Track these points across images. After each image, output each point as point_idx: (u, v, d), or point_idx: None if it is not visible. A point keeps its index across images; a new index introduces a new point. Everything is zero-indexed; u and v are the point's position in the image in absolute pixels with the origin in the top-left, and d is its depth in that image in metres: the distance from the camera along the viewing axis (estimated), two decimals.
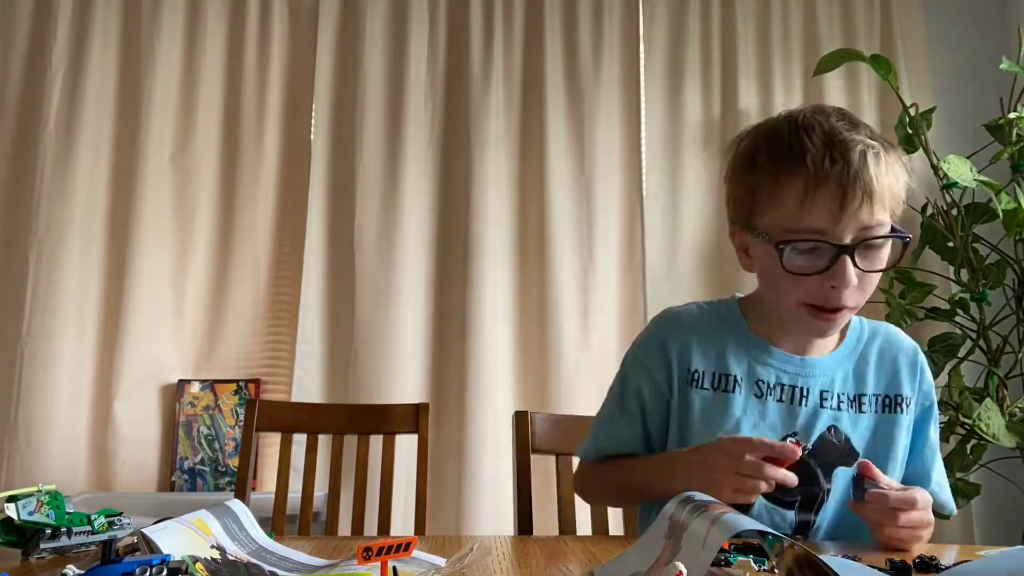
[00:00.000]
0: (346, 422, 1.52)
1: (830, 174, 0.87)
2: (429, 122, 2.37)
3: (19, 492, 0.79)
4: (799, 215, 0.89)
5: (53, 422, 2.14)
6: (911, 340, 1.09)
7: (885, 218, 0.91)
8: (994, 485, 2.15)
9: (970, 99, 2.39)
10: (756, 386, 1.01)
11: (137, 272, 2.22)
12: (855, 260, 0.89)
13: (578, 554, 0.87)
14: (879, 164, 0.89)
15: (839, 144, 0.88)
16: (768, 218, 0.93)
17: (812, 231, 0.89)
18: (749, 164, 0.96)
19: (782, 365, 1.02)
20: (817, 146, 0.88)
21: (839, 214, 0.87)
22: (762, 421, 1.00)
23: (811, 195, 0.88)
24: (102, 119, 2.30)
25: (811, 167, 0.88)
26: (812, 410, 1.00)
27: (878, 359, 1.04)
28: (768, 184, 0.92)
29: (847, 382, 1.03)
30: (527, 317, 2.30)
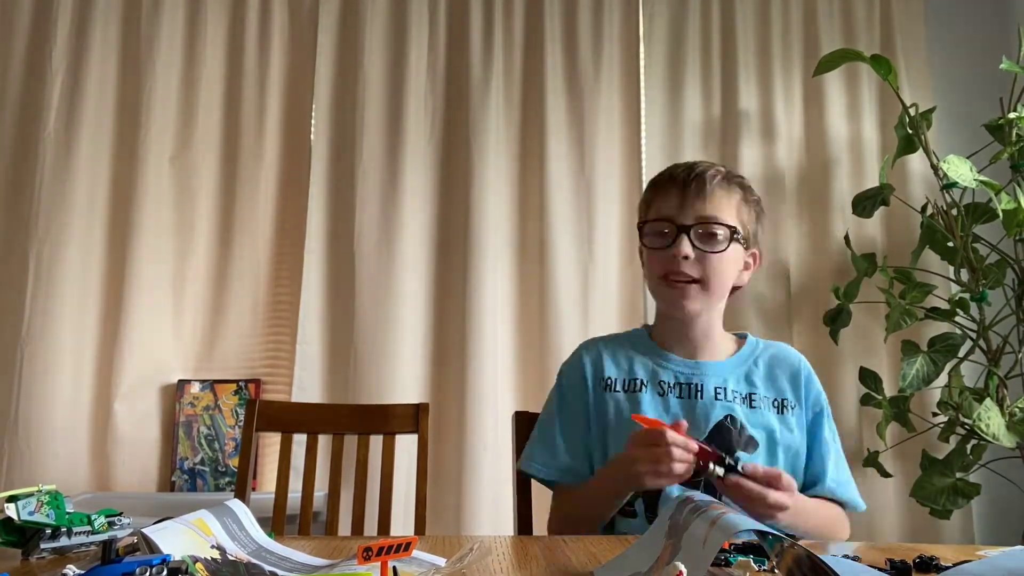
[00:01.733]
0: (346, 422, 1.52)
1: (678, 177, 1.21)
2: (429, 122, 2.37)
3: (19, 492, 0.79)
4: (657, 207, 1.22)
5: (53, 422, 2.14)
6: (798, 354, 1.29)
7: (723, 218, 1.18)
8: (994, 485, 2.15)
9: (970, 99, 2.40)
10: (659, 386, 1.22)
11: (137, 272, 2.22)
12: (692, 239, 1.16)
13: (578, 554, 0.87)
14: (716, 178, 1.20)
15: (693, 164, 1.23)
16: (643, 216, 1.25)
17: (663, 217, 1.20)
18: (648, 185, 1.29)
19: (678, 367, 1.23)
20: (683, 166, 1.24)
21: (680, 203, 1.18)
22: (666, 414, 1.19)
23: (665, 192, 1.21)
24: (102, 120, 2.30)
25: (669, 175, 1.23)
26: (708, 402, 1.19)
27: (766, 368, 1.25)
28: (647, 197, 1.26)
29: (739, 383, 1.22)
30: (527, 317, 2.30)
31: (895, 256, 2.30)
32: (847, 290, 2.20)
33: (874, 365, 2.22)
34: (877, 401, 2.14)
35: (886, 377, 2.22)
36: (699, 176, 1.19)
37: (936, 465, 2.02)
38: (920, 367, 2.05)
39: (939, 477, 2.00)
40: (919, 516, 2.15)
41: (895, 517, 2.22)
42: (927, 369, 2.05)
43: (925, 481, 2.01)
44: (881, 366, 2.26)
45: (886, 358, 2.29)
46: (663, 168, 1.31)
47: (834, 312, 2.24)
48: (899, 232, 2.36)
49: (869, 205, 2.23)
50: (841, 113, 2.43)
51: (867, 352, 2.28)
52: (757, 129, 2.41)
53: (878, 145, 2.41)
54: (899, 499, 2.22)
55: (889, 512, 2.21)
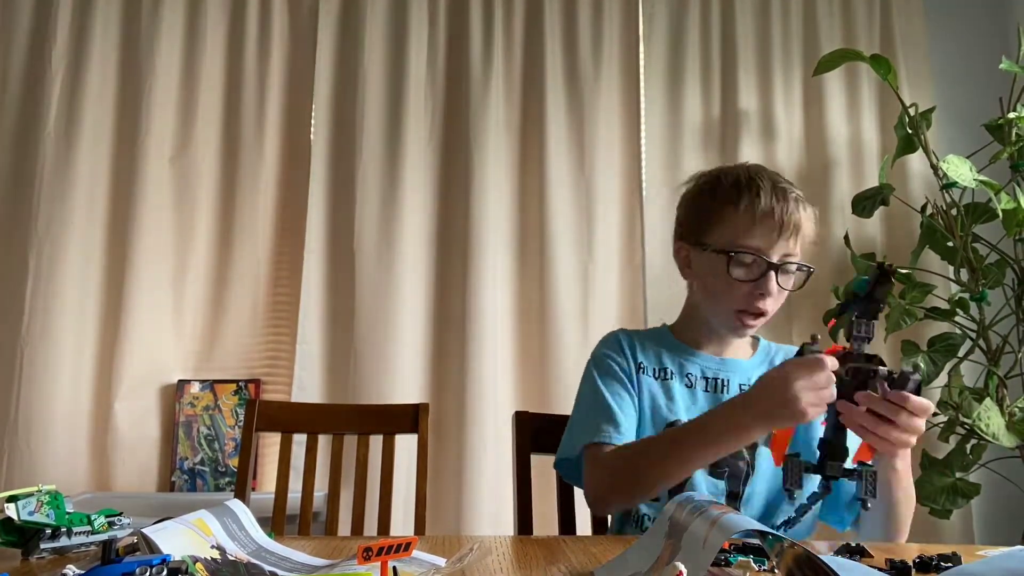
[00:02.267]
0: (346, 422, 1.52)
1: (775, 208, 1.15)
2: (429, 122, 2.37)
3: (19, 492, 0.79)
4: (748, 234, 1.15)
5: (53, 422, 2.14)
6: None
7: (799, 252, 1.19)
8: (994, 485, 2.15)
9: (970, 99, 2.39)
10: (686, 378, 1.23)
11: (137, 272, 2.22)
12: (777, 277, 1.16)
13: (578, 554, 0.87)
14: (805, 211, 1.19)
15: (781, 190, 1.17)
16: (720, 235, 1.18)
17: (753, 249, 1.15)
18: (710, 193, 1.21)
19: (705, 363, 1.25)
20: (767, 187, 1.17)
21: (775, 239, 1.15)
22: (694, 406, 1.20)
23: (760, 221, 1.15)
24: (102, 120, 2.30)
25: (763, 201, 1.15)
26: (733, 397, 1.17)
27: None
28: (725, 208, 1.17)
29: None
30: (527, 317, 2.30)
31: (895, 256, 2.30)
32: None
33: None
34: None
35: None
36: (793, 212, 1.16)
37: (936, 465, 2.02)
38: (920, 367, 2.05)
39: (939, 477, 2.00)
40: (919, 516, 2.12)
41: None
42: (927, 369, 2.05)
43: (925, 481, 2.01)
44: None
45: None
46: (661, 168, 1.28)
47: (834, 312, 2.24)
48: (899, 232, 2.36)
49: (869, 205, 2.23)
50: (841, 113, 2.43)
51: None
52: (757, 129, 2.41)
53: (878, 145, 2.41)
54: None
55: None
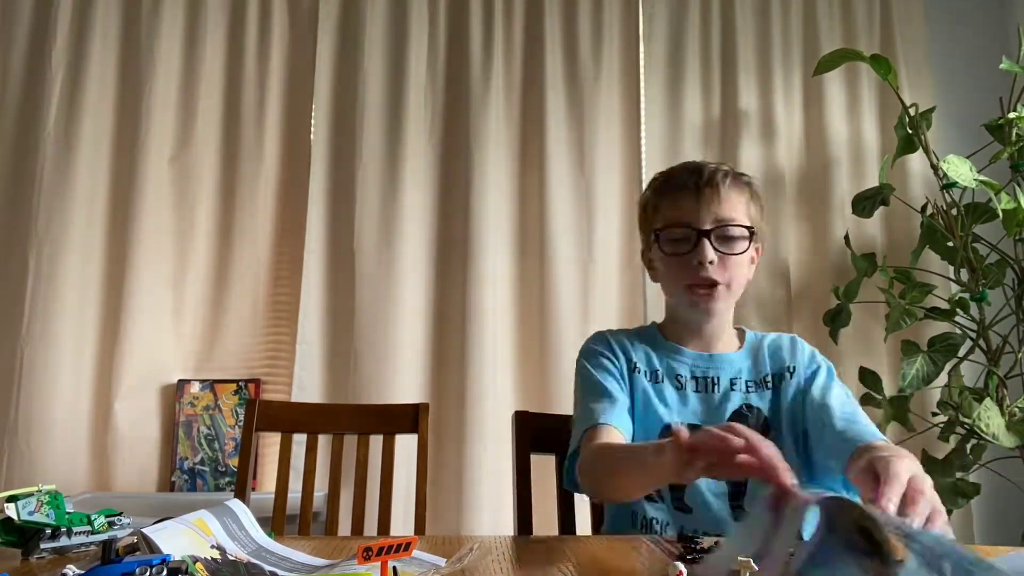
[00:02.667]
0: (346, 422, 1.52)
1: (687, 180, 1.19)
2: (429, 122, 2.37)
3: (19, 492, 0.79)
4: (671, 213, 1.20)
5: (53, 422, 2.14)
6: (790, 334, 1.31)
7: (738, 217, 1.18)
8: (994, 485, 2.15)
9: (970, 99, 2.39)
10: (676, 380, 1.22)
11: (137, 273, 2.22)
12: (712, 242, 1.16)
13: (578, 554, 0.87)
14: (726, 177, 1.19)
15: (698, 166, 1.22)
16: (655, 223, 1.22)
17: (680, 223, 1.18)
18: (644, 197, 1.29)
19: (693, 361, 1.23)
20: (689, 169, 1.22)
21: (696, 207, 1.17)
22: (685, 408, 1.19)
23: (677, 197, 1.19)
24: (102, 120, 2.30)
25: (680, 179, 1.21)
26: (724, 394, 1.20)
27: (769, 351, 1.26)
28: (652, 202, 1.25)
29: (750, 371, 1.24)
30: (527, 317, 2.30)
31: (895, 256, 2.30)
32: (847, 290, 2.20)
33: (874, 365, 2.22)
34: (877, 401, 2.14)
35: (886, 377, 2.22)
36: (711, 178, 1.18)
37: (936, 465, 2.02)
38: (920, 367, 2.05)
39: (939, 477, 2.00)
40: None
41: None
42: (927, 369, 2.05)
43: None
44: (881, 366, 2.26)
45: (886, 358, 2.29)
46: (661, 168, 1.30)
47: (834, 312, 2.24)
48: (899, 232, 2.36)
49: (869, 205, 2.23)
50: (841, 113, 2.43)
51: (867, 352, 2.28)
52: (757, 129, 2.41)
53: (878, 145, 2.41)
54: None
55: None
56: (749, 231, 1.18)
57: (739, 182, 1.21)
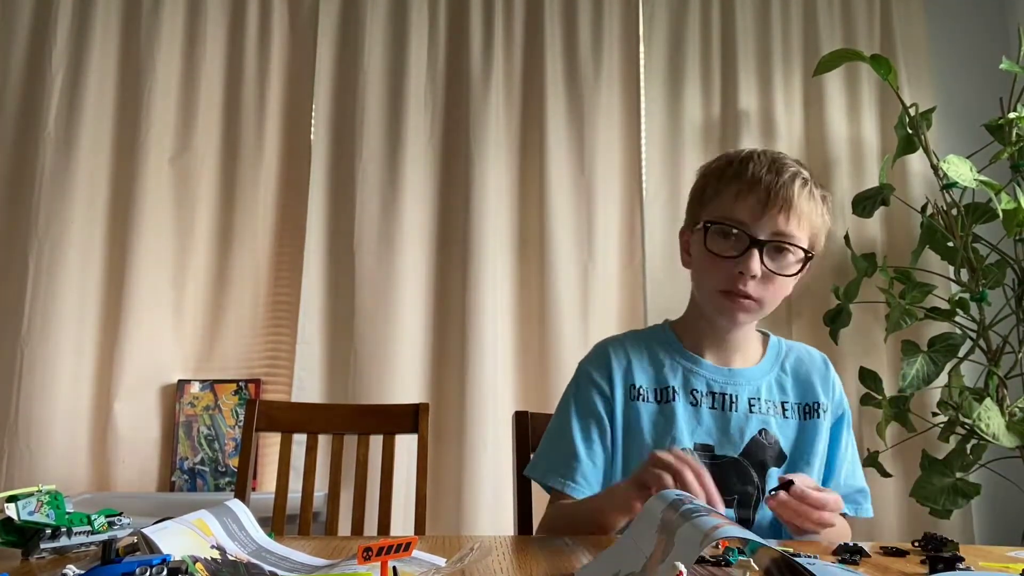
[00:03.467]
0: (346, 422, 1.52)
1: (762, 180, 1.06)
2: (429, 122, 2.37)
3: (19, 492, 0.79)
4: (731, 207, 1.07)
5: (53, 422, 2.14)
6: (820, 353, 1.23)
7: (799, 234, 1.07)
8: (994, 485, 2.15)
9: (970, 99, 2.40)
10: (691, 395, 1.13)
11: (137, 273, 2.22)
12: (763, 256, 1.05)
13: (578, 554, 0.87)
14: (804, 188, 1.07)
15: (778, 164, 1.08)
16: (708, 210, 1.11)
17: (736, 221, 1.06)
18: (705, 176, 1.15)
19: (712, 375, 1.14)
20: (761, 161, 1.08)
21: (760, 213, 1.05)
22: (699, 427, 1.11)
23: (744, 193, 1.07)
24: (102, 120, 2.30)
25: (751, 173, 1.07)
26: (742, 415, 1.12)
27: (794, 371, 1.18)
28: (714, 185, 1.11)
29: (771, 390, 1.15)
30: (527, 317, 2.30)
31: (895, 256, 2.30)
32: (847, 290, 2.20)
33: (874, 365, 2.22)
34: (877, 401, 2.14)
35: (886, 377, 2.22)
36: (788, 184, 1.05)
37: (936, 465, 2.02)
38: (920, 367, 2.05)
39: (939, 477, 2.00)
40: (919, 516, 2.15)
41: (895, 517, 2.22)
42: (927, 369, 2.05)
43: (925, 481, 2.01)
44: (881, 366, 2.26)
45: (886, 358, 2.29)
46: (660, 168, 1.25)
47: (834, 312, 2.24)
48: (899, 232, 2.36)
49: (869, 205, 2.23)
50: (841, 113, 2.43)
51: (867, 352, 2.28)
52: (757, 129, 2.40)
53: (878, 145, 2.41)
54: (899, 499, 2.22)
55: (889, 512, 2.21)
56: (805, 254, 1.08)
57: (812, 193, 1.09)
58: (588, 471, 1.11)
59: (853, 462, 1.18)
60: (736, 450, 1.10)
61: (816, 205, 1.09)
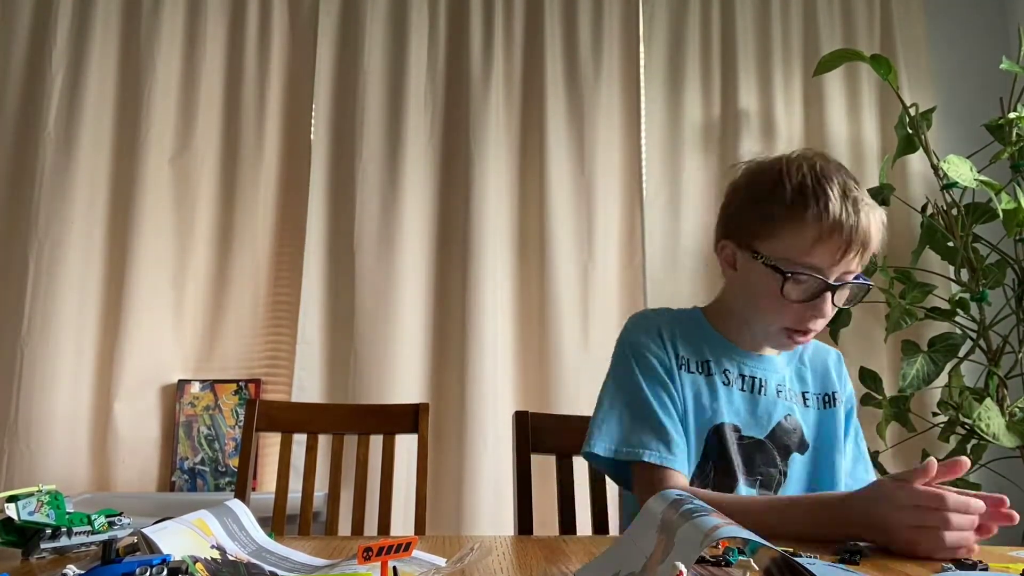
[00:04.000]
0: (346, 422, 1.52)
1: (843, 224, 1.00)
2: (429, 122, 2.37)
3: (19, 492, 0.79)
4: (809, 253, 1.02)
5: (53, 422, 2.14)
6: (835, 349, 1.26)
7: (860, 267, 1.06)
8: (994, 485, 2.15)
9: (970, 99, 2.40)
10: (724, 375, 1.14)
11: (137, 273, 2.22)
12: (833, 296, 1.04)
13: (579, 554, 0.87)
14: (875, 221, 1.04)
15: (853, 201, 1.02)
16: (777, 246, 1.04)
17: (813, 267, 1.02)
18: (770, 194, 1.06)
19: (743, 359, 1.15)
20: (837, 198, 1.01)
21: (838, 258, 1.02)
22: (730, 406, 1.12)
23: (825, 239, 1.01)
24: (102, 120, 2.30)
25: (831, 216, 1.01)
26: (771, 399, 1.14)
27: (812, 363, 1.21)
28: (788, 218, 1.03)
29: (793, 380, 1.18)
30: (527, 317, 2.30)
31: (895, 256, 2.30)
32: None
33: (874, 365, 2.22)
34: (877, 401, 2.14)
35: (886, 377, 2.22)
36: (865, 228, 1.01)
37: None
38: (920, 367, 2.05)
39: None
40: None
41: None
42: (927, 369, 2.05)
43: None
44: (881, 366, 2.26)
45: (886, 358, 2.29)
46: (661, 168, 1.20)
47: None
48: (899, 232, 2.36)
49: None
50: (841, 113, 2.43)
51: (867, 352, 2.28)
52: (757, 129, 2.40)
53: (878, 145, 2.41)
54: None
55: None
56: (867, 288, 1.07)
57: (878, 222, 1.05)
58: (680, 443, 1.07)
59: (865, 457, 1.20)
60: (763, 432, 1.12)
61: (881, 232, 1.06)
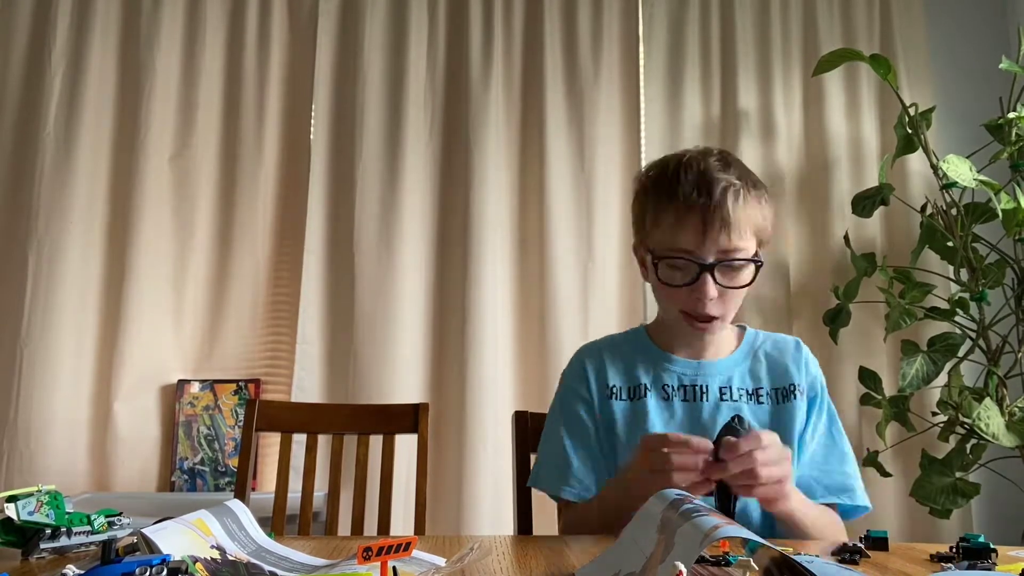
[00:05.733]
0: (346, 422, 1.52)
1: (696, 205, 1.05)
2: (429, 122, 2.37)
3: (19, 492, 0.79)
4: (672, 238, 1.08)
5: (53, 422, 2.14)
6: (794, 337, 1.25)
7: (744, 244, 1.07)
8: (994, 485, 2.15)
9: (969, 99, 2.39)
10: (663, 390, 1.16)
11: (137, 272, 2.22)
12: (715, 277, 1.06)
13: (578, 554, 0.87)
14: (738, 199, 1.06)
15: (706, 180, 1.06)
16: (652, 238, 1.12)
17: (681, 251, 1.07)
18: (641, 193, 1.16)
19: (682, 369, 1.18)
20: (690, 181, 1.07)
21: (702, 239, 1.06)
22: (672, 420, 1.15)
23: (680, 222, 1.07)
24: (101, 120, 2.30)
25: (681, 197, 1.06)
26: (713, 404, 1.15)
27: (768, 358, 1.21)
28: (651, 211, 1.12)
29: (744, 379, 1.18)
30: (527, 316, 2.30)
31: (895, 256, 2.30)
32: (847, 290, 2.20)
33: (874, 365, 2.22)
34: (877, 401, 2.14)
35: (886, 377, 2.22)
36: (721, 202, 1.04)
37: (936, 465, 2.02)
38: (920, 367, 2.05)
39: (939, 477, 2.00)
40: (919, 516, 2.15)
41: (895, 517, 2.22)
42: (927, 369, 2.05)
43: (925, 481, 2.01)
44: (881, 366, 2.26)
45: (886, 358, 2.29)
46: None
47: (834, 312, 2.24)
48: (899, 232, 2.36)
49: (869, 205, 2.23)
50: (841, 113, 2.43)
51: (867, 352, 2.28)
52: (756, 129, 2.40)
53: (878, 145, 2.41)
54: (899, 499, 2.22)
55: (889, 512, 2.21)
56: (755, 262, 1.09)
57: (750, 199, 1.08)
58: (582, 474, 1.15)
59: (842, 451, 1.17)
60: (710, 438, 1.09)
61: (755, 208, 1.09)
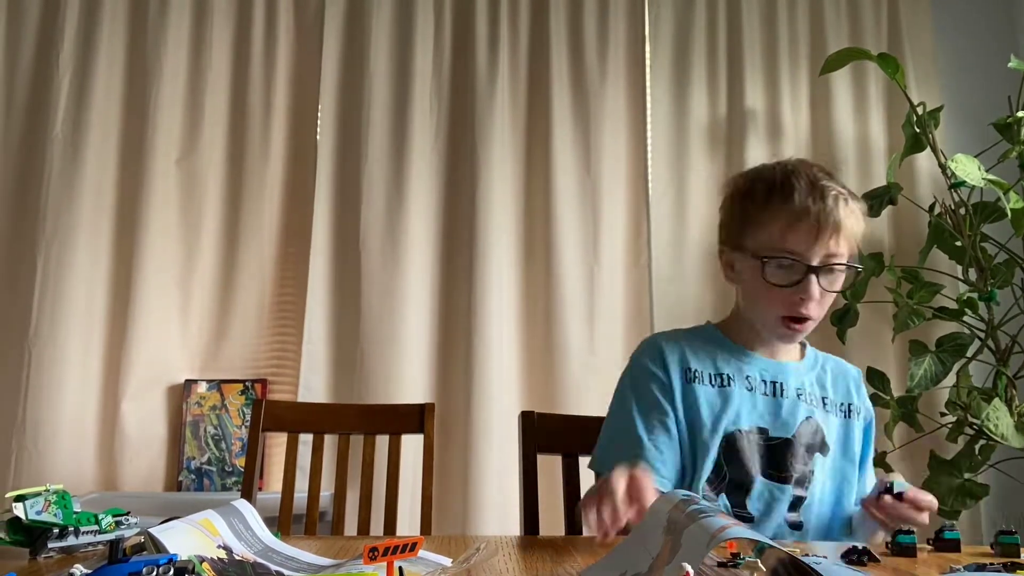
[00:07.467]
0: (352, 422, 1.52)
1: (810, 210, 1.11)
2: (435, 123, 2.37)
3: (27, 492, 0.80)
4: (782, 238, 1.12)
5: (61, 422, 2.14)
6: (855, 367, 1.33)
7: (845, 251, 1.13)
8: (1003, 486, 2.14)
9: (978, 98, 2.38)
10: (746, 381, 1.20)
11: (144, 273, 2.23)
12: (819, 279, 1.11)
13: (584, 554, 0.87)
14: (847, 207, 1.13)
15: (820, 188, 1.12)
16: (756, 239, 1.15)
17: (790, 252, 1.12)
18: (744, 195, 1.19)
19: (763, 365, 1.22)
20: (803, 187, 1.12)
21: (813, 242, 1.11)
22: (754, 411, 1.17)
23: (792, 225, 1.11)
24: (109, 122, 2.31)
25: (797, 203, 1.11)
26: (792, 402, 1.19)
27: (833, 375, 1.27)
28: (760, 212, 1.15)
29: (814, 386, 1.24)
30: (533, 317, 2.30)
31: (903, 256, 2.29)
32: (854, 290, 2.19)
33: (882, 365, 2.21)
34: (885, 401, 2.13)
35: (894, 377, 2.21)
36: (833, 209, 1.11)
37: (944, 466, 2.01)
38: (928, 367, 2.04)
39: (947, 478, 1.99)
40: None
41: None
42: (935, 369, 2.04)
43: (933, 482, 2.00)
44: (889, 366, 2.25)
45: (893, 358, 2.28)
46: (666, 170, 1.25)
47: (841, 312, 2.23)
48: (907, 231, 2.35)
49: (876, 204, 2.22)
50: (848, 112, 2.42)
51: (875, 352, 2.27)
52: (763, 129, 2.40)
53: (885, 144, 2.40)
54: None
55: None
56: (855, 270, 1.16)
57: (854, 211, 1.14)
58: (653, 458, 1.14)
59: (871, 468, 1.27)
60: (789, 432, 1.17)
61: (857, 219, 1.15)
